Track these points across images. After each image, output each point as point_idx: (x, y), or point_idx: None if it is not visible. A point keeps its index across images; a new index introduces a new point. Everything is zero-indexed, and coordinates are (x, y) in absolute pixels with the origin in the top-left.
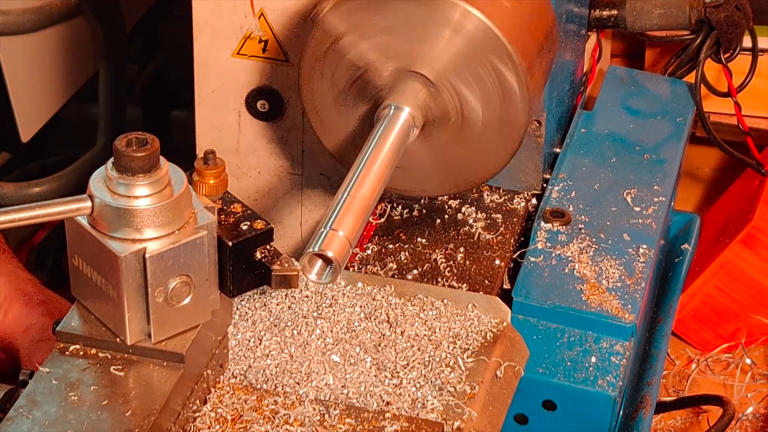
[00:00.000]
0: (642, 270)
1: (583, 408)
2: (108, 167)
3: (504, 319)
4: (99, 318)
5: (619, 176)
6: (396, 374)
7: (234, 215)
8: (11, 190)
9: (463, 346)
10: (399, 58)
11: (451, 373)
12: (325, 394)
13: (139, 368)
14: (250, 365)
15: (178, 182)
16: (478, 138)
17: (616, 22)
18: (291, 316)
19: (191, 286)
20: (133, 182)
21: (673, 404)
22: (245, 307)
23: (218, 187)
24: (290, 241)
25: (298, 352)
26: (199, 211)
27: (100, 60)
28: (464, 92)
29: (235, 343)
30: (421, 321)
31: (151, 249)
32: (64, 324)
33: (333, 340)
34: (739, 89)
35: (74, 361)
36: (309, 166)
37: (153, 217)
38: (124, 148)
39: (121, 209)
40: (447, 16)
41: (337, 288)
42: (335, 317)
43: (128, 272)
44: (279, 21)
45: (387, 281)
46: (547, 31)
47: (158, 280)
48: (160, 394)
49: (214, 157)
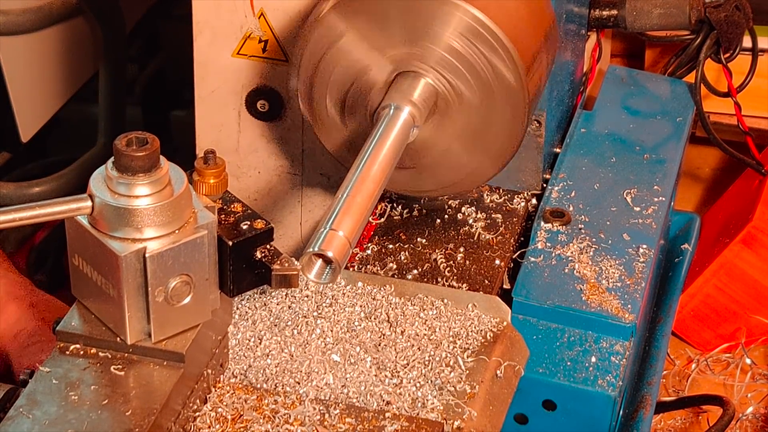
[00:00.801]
0: (642, 270)
1: (583, 408)
2: (108, 167)
3: (504, 319)
4: (99, 317)
5: (619, 176)
6: (396, 374)
7: (234, 215)
8: (11, 190)
9: (464, 345)
10: (398, 58)
11: (451, 372)
12: (326, 394)
13: (139, 368)
14: (251, 365)
15: (178, 182)
16: (477, 138)
17: (616, 22)
18: (291, 315)
19: (191, 286)
20: (133, 182)
21: (673, 404)
22: (245, 306)
23: (218, 186)
24: (290, 241)
25: (299, 352)
26: (200, 210)
27: (100, 60)
28: (464, 92)
29: (236, 342)
30: (422, 320)
31: (151, 248)
32: (65, 323)
33: (333, 339)
34: (739, 89)
35: (74, 360)
36: (309, 165)
37: (153, 217)
38: (125, 147)
39: (122, 209)
40: (447, 15)
41: (337, 287)
42: (335, 317)
43: (128, 272)
44: (279, 21)
45: (387, 281)
46: (547, 31)
47: (158, 280)
48: (161, 394)
49: (215, 157)
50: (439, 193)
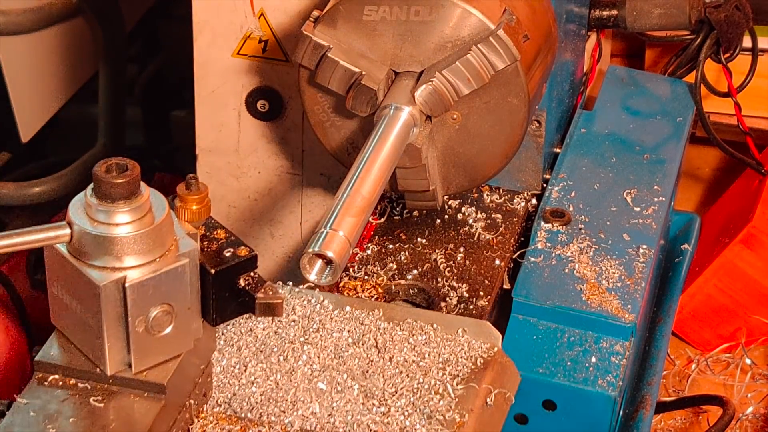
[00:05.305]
0: (642, 270)
1: (583, 408)
2: (87, 194)
3: (495, 345)
4: (79, 347)
5: (619, 176)
6: (384, 402)
7: (217, 241)
8: (11, 190)
9: (453, 372)
10: (398, 59)
11: (440, 400)
12: (311, 424)
13: (119, 399)
14: (235, 393)
15: (159, 208)
16: (477, 138)
17: (616, 22)
18: (277, 341)
19: (173, 315)
20: (113, 209)
21: (673, 404)
22: (231, 332)
23: (201, 213)
24: (290, 241)
25: (284, 380)
26: (181, 238)
27: (100, 60)
28: (464, 92)
29: (220, 369)
30: (410, 346)
31: (131, 277)
32: (43, 353)
33: (320, 366)
34: (739, 89)
35: (53, 391)
36: (309, 166)
37: (133, 245)
38: (104, 174)
39: (101, 237)
40: (446, 16)
41: (325, 312)
42: (322, 342)
43: (108, 301)
44: (279, 21)
45: (376, 305)
46: (547, 31)
47: (139, 310)
48: (141, 426)
49: (197, 183)
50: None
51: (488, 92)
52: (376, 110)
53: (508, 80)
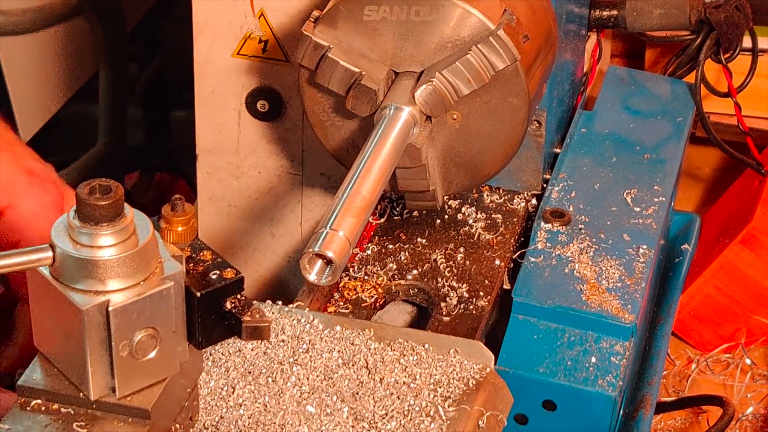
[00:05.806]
0: (642, 270)
1: (583, 408)
2: (70, 215)
3: (487, 365)
4: (62, 371)
5: (619, 176)
6: (374, 425)
7: (203, 263)
8: None
9: (445, 393)
10: (398, 59)
11: (431, 423)
12: None
13: (102, 424)
14: (222, 416)
15: (143, 230)
16: (477, 138)
17: (616, 22)
18: (266, 362)
19: (157, 339)
20: (96, 231)
21: (673, 404)
22: (219, 352)
23: (187, 234)
24: (290, 241)
25: (273, 402)
26: (166, 260)
27: (100, 60)
28: (464, 92)
29: (207, 391)
30: (402, 367)
31: (114, 301)
32: (26, 377)
33: (309, 388)
34: (739, 89)
35: (35, 417)
36: (309, 166)
37: (117, 268)
38: (87, 195)
39: (84, 260)
40: (447, 16)
41: (315, 332)
42: (312, 363)
43: (91, 326)
44: (279, 21)
45: (367, 324)
46: (547, 31)
47: (123, 334)
48: None
49: (182, 204)
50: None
51: (488, 92)
52: (376, 110)
53: (509, 80)
